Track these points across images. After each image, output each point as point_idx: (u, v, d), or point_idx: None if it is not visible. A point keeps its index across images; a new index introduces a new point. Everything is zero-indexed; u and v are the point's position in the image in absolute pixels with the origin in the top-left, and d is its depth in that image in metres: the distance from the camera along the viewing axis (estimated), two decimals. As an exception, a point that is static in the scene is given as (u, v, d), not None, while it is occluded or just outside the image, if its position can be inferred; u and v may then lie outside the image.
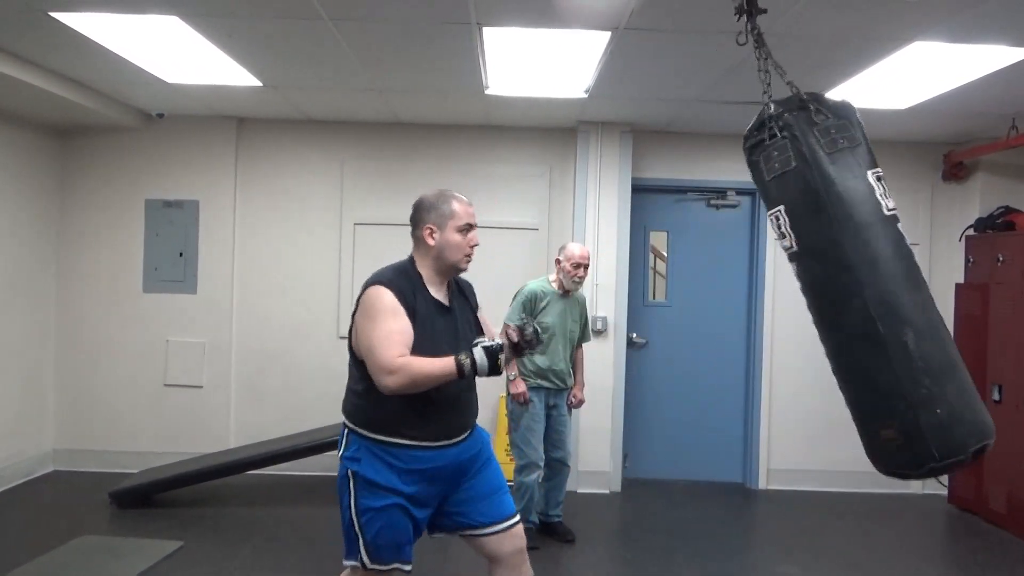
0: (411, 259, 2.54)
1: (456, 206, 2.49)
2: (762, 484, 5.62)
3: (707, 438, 5.72)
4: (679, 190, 5.71)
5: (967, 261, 5.40)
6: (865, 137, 2.23)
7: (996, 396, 4.91)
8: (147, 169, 5.53)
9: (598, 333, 5.24)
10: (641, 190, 5.57)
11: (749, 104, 2.55)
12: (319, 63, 4.10)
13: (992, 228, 5.22)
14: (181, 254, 5.54)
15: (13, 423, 5.13)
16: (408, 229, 2.56)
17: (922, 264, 5.45)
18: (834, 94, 4.21)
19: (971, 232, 5.39)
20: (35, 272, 5.34)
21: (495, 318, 5.33)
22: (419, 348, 2.32)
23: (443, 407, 2.42)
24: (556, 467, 4.35)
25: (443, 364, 2.27)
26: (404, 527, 2.41)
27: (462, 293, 2.64)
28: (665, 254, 5.86)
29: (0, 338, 5.00)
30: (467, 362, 2.27)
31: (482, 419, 5.56)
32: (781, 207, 2.24)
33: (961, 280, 5.44)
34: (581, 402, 4.45)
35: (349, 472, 2.41)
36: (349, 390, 2.51)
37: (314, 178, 5.60)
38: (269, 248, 5.60)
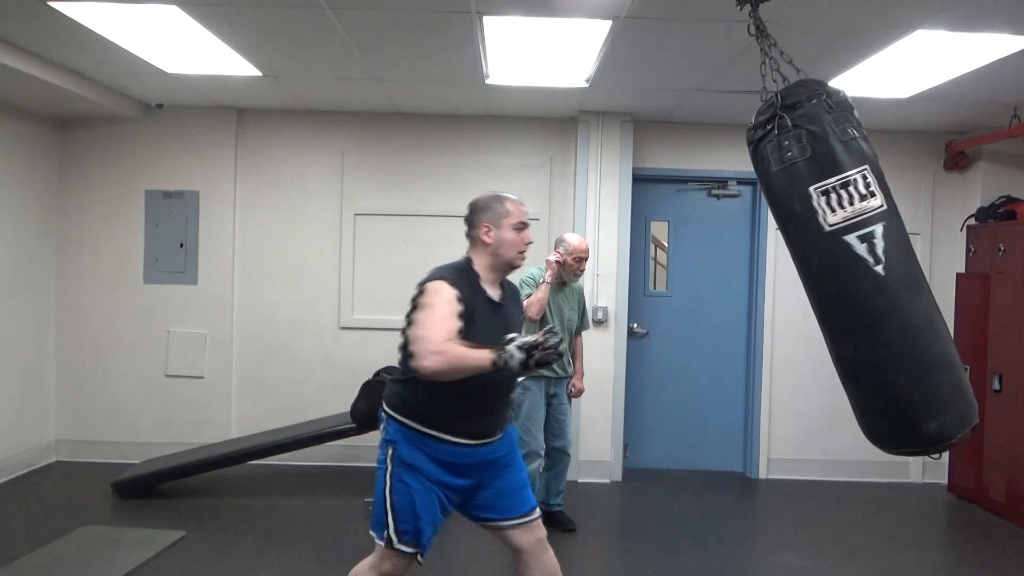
0: (467, 259, 2.67)
1: (510, 206, 2.65)
2: (762, 473, 5.63)
3: (707, 428, 5.73)
4: (680, 180, 5.70)
5: (968, 251, 5.40)
6: (821, 142, 2.27)
7: (996, 386, 4.92)
8: (147, 160, 5.52)
9: (599, 323, 5.24)
10: (642, 180, 5.56)
11: (751, 93, 2.55)
12: (319, 53, 4.08)
13: (993, 218, 5.21)
14: (181, 245, 5.53)
15: (15, 414, 5.14)
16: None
17: (923, 254, 5.57)
18: (836, 83, 4.23)
19: (972, 222, 5.39)
20: (35, 264, 5.34)
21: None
22: (471, 342, 2.40)
23: (482, 408, 2.55)
24: (557, 456, 4.36)
25: (480, 355, 2.35)
26: (431, 509, 2.52)
27: (512, 292, 2.79)
28: (666, 244, 5.85)
29: (1, 329, 5.01)
30: (501, 357, 2.34)
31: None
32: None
33: (962, 270, 5.44)
34: (581, 391, 4.45)
35: (389, 450, 2.53)
36: (395, 381, 2.63)
37: (314, 168, 5.59)
38: (269, 238, 5.59)
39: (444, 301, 2.43)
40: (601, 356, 5.24)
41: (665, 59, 4.04)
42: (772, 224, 5.16)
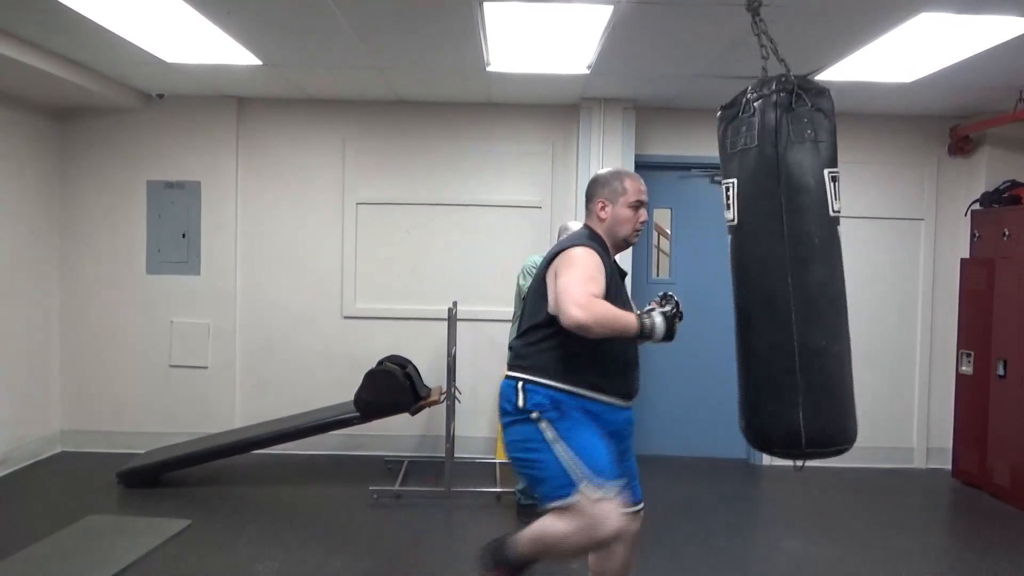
0: (589, 228, 2.69)
1: (628, 183, 2.65)
2: (766, 460, 5.62)
3: (711, 415, 5.73)
4: (682, 167, 5.68)
5: (973, 236, 5.38)
6: (834, 133, 2.36)
7: (1001, 371, 4.91)
8: (148, 150, 5.51)
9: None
10: (644, 167, 5.52)
11: (753, 79, 2.53)
12: (319, 41, 4.06)
13: (998, 203, 5.19)
14: (184, 235, 5.53)
15: (20, 405, 5.16)
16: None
17: (927, 239, 5.55)
18: (839, 67, 4.22)
19: (977, 207, 5.36)
20: (38, 255, 5.34)
21: (495, 296, 5.35)
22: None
23: (624, 366, 2.60)
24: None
25: (627, 318, 2.41)
26: (607, 447, 2.49)
27: None
28: (669, 231, 5.83)
29: (5, 321, 5.01)
30: (648, 323, 2.42)
31: (483, 399, 5.56)
32: (734, 180, 2.43)
33: (966, 255, 5.41)
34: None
35: (537, 417, 2.47)
36: (533, 343, 2.56)
37: (316, 157, 5.58)
38: (272, 228, 5.59)
39: (593, 263, 2.45)
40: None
41: (667, 45, 4.02)
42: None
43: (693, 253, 5.73)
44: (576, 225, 4.25)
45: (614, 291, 2.52)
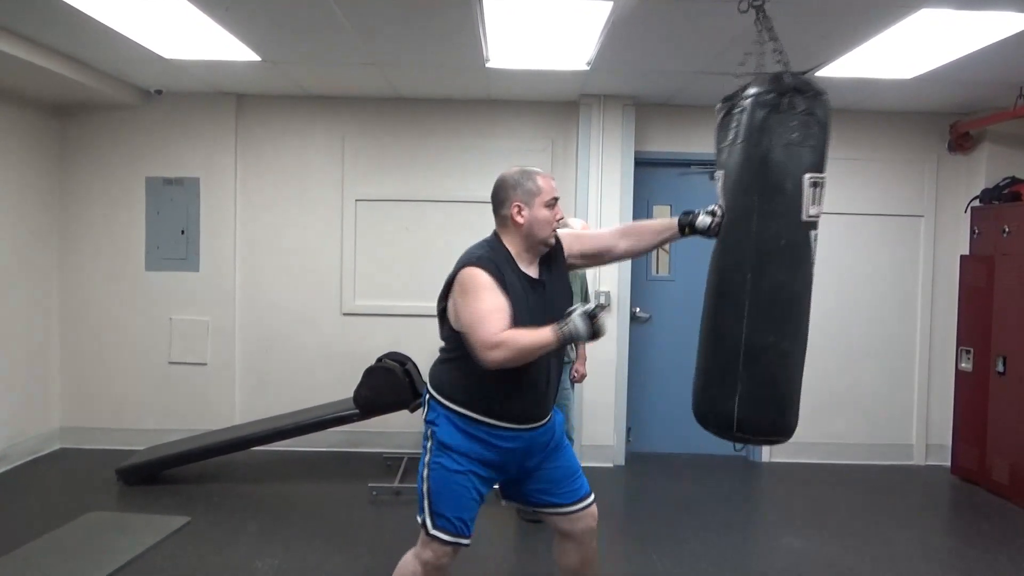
0: (496, 236, 2.57)
1: (541, 181, 2.55)
2: (765, 457, 5.64)
3: (710, 412, 5.73)
4: (682, 163, 5.66)
5: (972, 233, 5.37)
6: (824, 137, 2.35)
7: (1000, 368, 4.91)
8: (147, 147, 5.50)
9: (601, 308, 5.23)
10: (644, 164, 5.53)
11: (754, 75, 2.53)
12: (318, 37, 4.05)
13: (998, 199, 5.18)
14: (183, 232, 5.52)
15: (19, 402, 5.16)
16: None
17: (927, 235, 5.55)
18: (839, 64, 4.21)
19: (977, 203, 5.36)
20: (37, 252, 5.34)
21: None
22: (513, 324, 2.34)
23: (528, 392, 2.48)
24: (560, 441, 4.36)
25: (543, 337, 2.30)
26: (468, 495, 2.47)
27: (553, 259, 2.65)
28: (668, 228, 5.81)
29: (4, 318, 5.01)
30: (567, 330, 2.30)
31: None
32: (723, 172, 2.56)
33: (966, 252, 5.41)
34: (583, 376, 4.45)
35: (429, 432, 2.51)
36: (439, 360, 2.58)
37: (315, 154, 5.57)
38: (271, 225, 5.58)
39: (485, 287, 2.35)
40: (604, 341, 5.18)
41: (667, 41, 4.01)
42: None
43: (693, 250, 5.67)
44: (576, 223, 4.25)
45: (522, 307, 2.39)
